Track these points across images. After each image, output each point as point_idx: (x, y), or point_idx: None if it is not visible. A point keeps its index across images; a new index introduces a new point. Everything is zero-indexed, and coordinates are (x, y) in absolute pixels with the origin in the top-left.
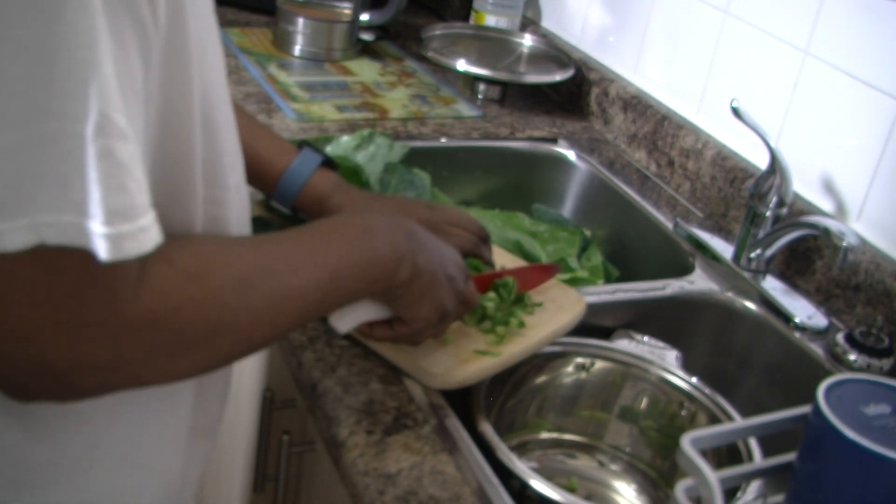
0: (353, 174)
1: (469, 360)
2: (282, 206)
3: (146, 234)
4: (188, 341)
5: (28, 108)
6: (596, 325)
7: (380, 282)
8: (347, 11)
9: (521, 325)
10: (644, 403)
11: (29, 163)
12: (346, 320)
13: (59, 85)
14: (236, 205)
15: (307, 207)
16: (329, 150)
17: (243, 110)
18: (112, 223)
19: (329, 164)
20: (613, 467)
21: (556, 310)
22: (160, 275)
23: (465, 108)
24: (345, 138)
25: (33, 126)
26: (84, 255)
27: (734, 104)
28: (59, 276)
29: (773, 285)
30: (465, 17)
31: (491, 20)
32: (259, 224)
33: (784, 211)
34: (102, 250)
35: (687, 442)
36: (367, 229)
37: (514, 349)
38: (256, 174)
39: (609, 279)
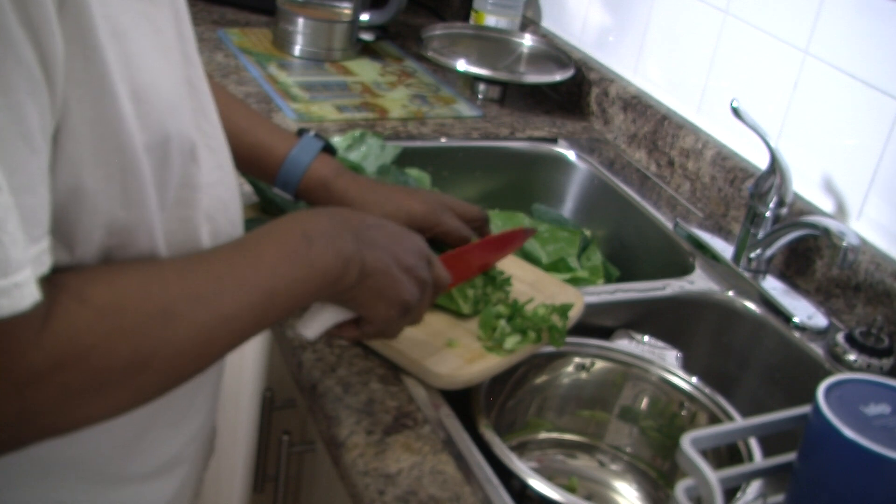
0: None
1: (473, 360)
2: (285, 194)
3: (21, 291)
4: (104, 381)
5: None
6: (596, 325)
7: (325, 289)
8: (347, 11)
9: (507, 306)
10: (644, 403)
11: None
12: (312, 326)
13: None
14: (211, 204)
15: (311, 192)
16: None
17: (241, 102)
18: None
19: (329, 149)
20: (614, 467)
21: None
22: (69, 314)
23: (465, 108)
24: (336, 139)
25: None
26: None
27: (734, 104)
28: None
29: (773, 285)
30: (465, 17)
31: (491, 20)
32: (254, 225)
33: (784, 211)
34: None
35: (687, 442)
36: (304, 236)
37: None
38: (258, 162)
39: (609, 279)
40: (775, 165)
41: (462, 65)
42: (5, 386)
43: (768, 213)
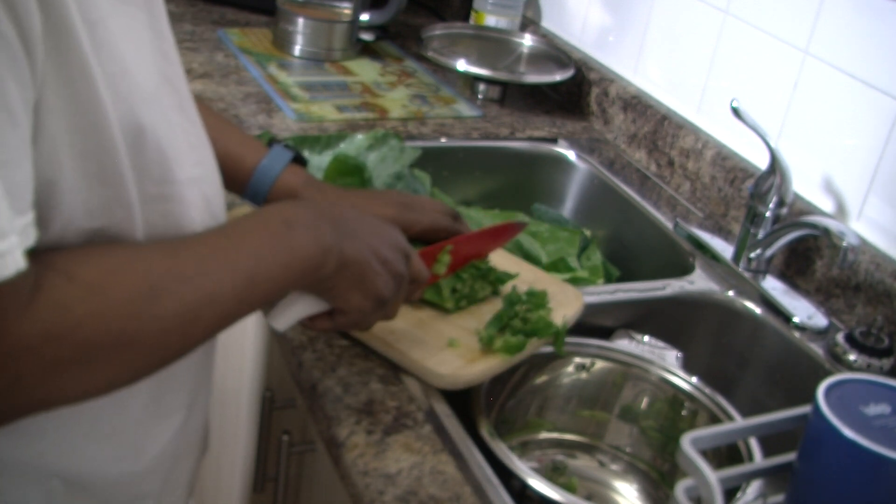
0: (355, 172)
1: (475, 360)
2: (254, 205)
3: (4, 260)
4: (92, 356)
5: None
6: (596, 325)
7: (305, 277)
8: (347, 11)
9: (496, 293)
10: (644, 403)
11: None
12: (282, 318)
13: None
14: (193, 199)
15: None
16: (342, 146)
17: (210, 109)
18: None
19: (299, 160)
20: (614, 467)
21: (556, 307)
22: (57, 289)
23: (465, 108)
24: (359, 136)
25: None
26: None
27: (734, 104)
28: None
29: (773, 285)
30: (465, 17)
31: (491, 20)
32: None
33: (784, 211)
34: None
35: (687, 442)
36: (285, 223)
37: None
38: (227, 173)
39: (609, 279)
40: (775, 165)
41: (462, 65)
42: None
43: (768, 213)
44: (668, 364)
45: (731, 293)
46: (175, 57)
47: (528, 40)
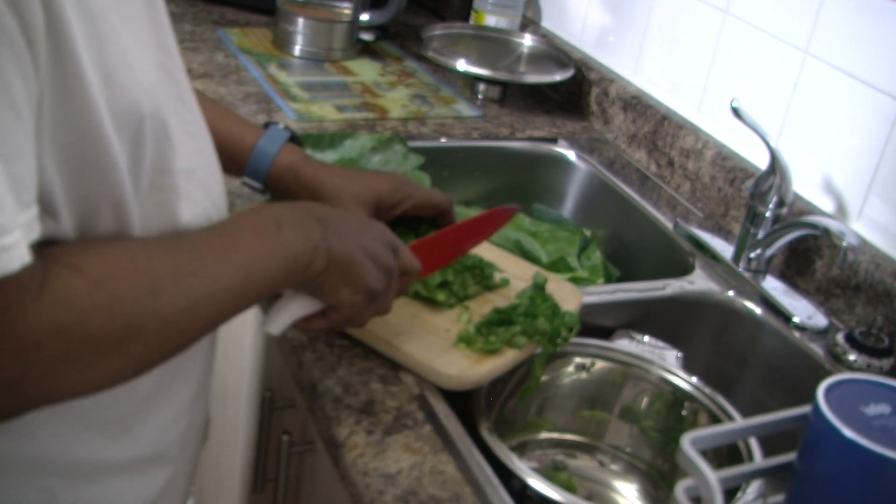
0: None
1: (482, 360)
2: (254, 183)
3: (10, 254)
4: (99, 349)
5: None
6: (596, 325)
7: (296, 274)
8: (347, 11)
9: (489, 287)
10: (644, 403)
11: None
12: (276, 322)
13: None
14: (190, 190)
15: (280, 179)
16: (346, 145)
17: (208, 98)
18: None
19: (295, 140)
20: (614, 467)
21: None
22: (65, 283)
23: (465, 108)
24: (364, 137)
25: None
26: None
27: (734, 104)
28: None
29: (773, 285)
30: (465, 17)
31: (491, 20)
32: None
33: (784, 211)
34: None
35: (687, 442)
36: (274, 222)
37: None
38: (226, 153)
39: (609, 279)
40: (775, 165)
41: (462, 65)
42: (8, 349)
43: (768, 213)
44: (668, 364)
45: (731, 293)
46: (174, 48)
47: (528, 40)
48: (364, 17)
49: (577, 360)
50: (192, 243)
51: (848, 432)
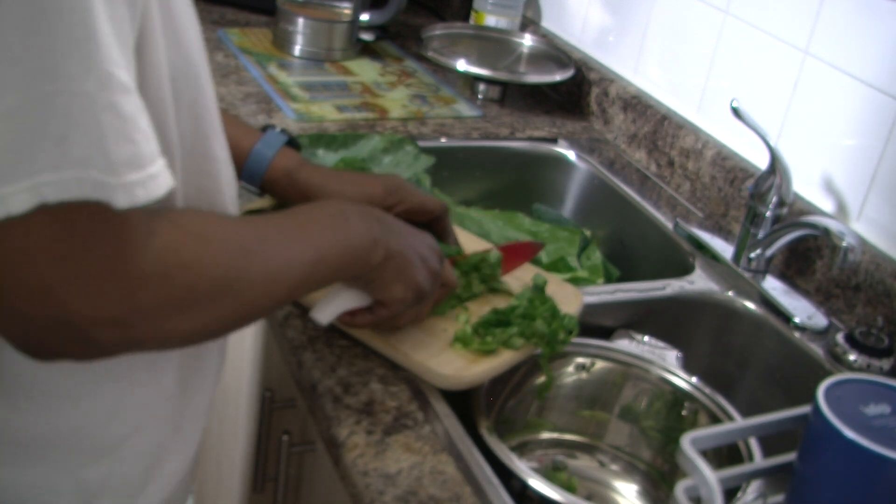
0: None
1: (477, 360)
2: (250, 187)
3: (156, 182)
4: (197, 298)
5: (29, 71)
6: (596, 325)
7: (357, 264)
8: (347, 11)
9: (494, 289)
10: (644, 403)
11: (28, 125)
12: (326, 311)
13: (59, 46)
14: (226, 178)
15: (275, 183)
16: (359, 146)
17: None
18: (120, 173)
19: (293, 143)
20: (614, 467)
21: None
22: (168, 233)
23: (465, 108)
24: (376, 138)
25: (33, 89)
26: (92, 209)
27: (734, 104)
28: (72, 232)
29: (773, 285)
30: (465, 17)
31: (491, 20)
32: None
33: (784, 211)
34: (114, 199)
35: (687, 442)
36: (341, 214)
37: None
38: None
39: (609, 279)
40: (775, 165)
41: (462, 65)
42: (118, 285)
43: (768, 213)
44: (668, 364)
45: (731, 293)
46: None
47: (528, 40)
48: (364, 17)
49: (578, 360)
50: (270, 220)
51: (848, 432)
